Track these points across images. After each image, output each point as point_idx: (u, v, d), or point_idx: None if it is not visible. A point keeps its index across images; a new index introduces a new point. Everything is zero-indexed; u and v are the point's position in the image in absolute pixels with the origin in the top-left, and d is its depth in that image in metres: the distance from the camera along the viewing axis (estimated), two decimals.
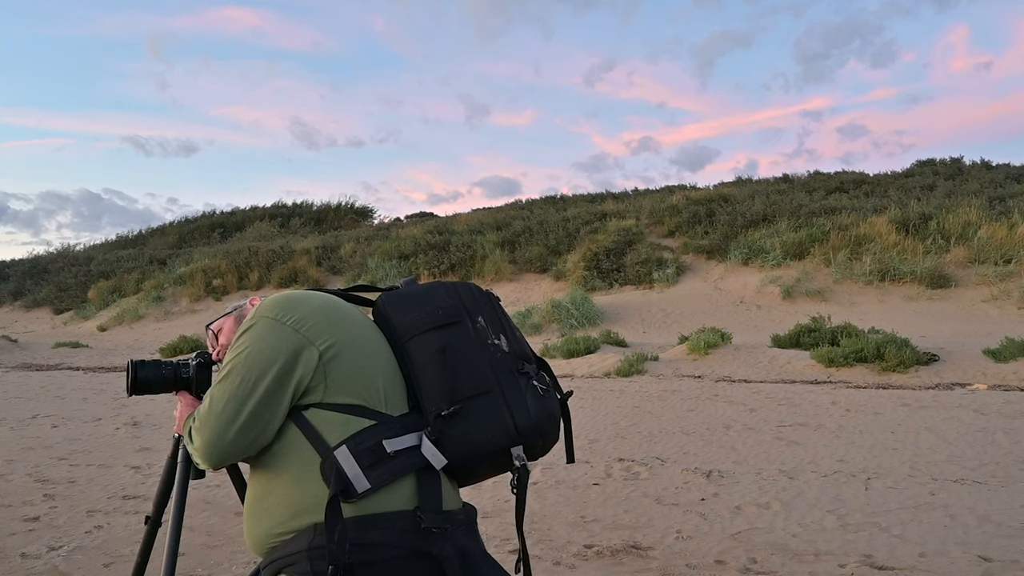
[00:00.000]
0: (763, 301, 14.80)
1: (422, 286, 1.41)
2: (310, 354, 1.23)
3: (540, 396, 1.31)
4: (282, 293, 1.33)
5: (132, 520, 3.86)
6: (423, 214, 33.25)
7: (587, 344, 11.06)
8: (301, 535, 1.18)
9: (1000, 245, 14.45)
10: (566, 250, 18.93)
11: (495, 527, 3.76)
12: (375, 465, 1.18)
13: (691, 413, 6.84)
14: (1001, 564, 3.12)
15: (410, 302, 1.36)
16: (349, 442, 1.19)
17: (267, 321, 1.25)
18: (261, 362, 1.21)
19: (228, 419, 1.21)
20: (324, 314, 1.28)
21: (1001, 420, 6.08)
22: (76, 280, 25.41)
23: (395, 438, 1.22)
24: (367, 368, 1.27)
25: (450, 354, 1.28)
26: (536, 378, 1.33)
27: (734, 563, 3.21)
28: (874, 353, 9.02)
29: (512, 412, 1.26)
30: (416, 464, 1.22)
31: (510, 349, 1.34)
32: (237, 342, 1.26)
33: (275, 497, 1.22)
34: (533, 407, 1.28)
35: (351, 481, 1.16)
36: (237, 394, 1.21)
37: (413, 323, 1.32)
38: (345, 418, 1.22)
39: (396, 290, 1.43)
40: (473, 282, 1.51)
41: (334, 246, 22.81)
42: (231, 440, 1.21)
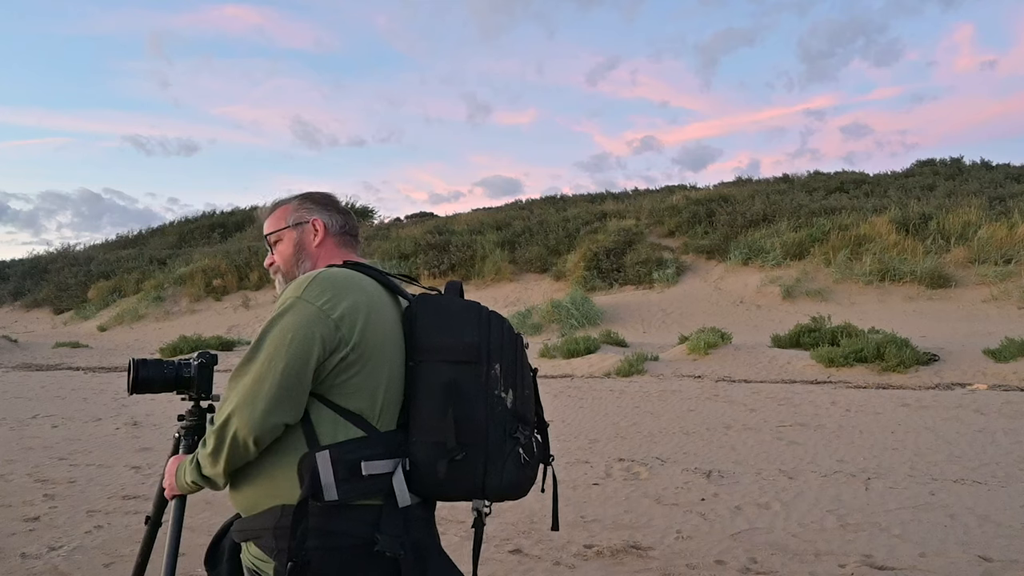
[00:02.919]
0: (763, 301, 14.80)
1: (459, 305, 1.37)
2: (340, 352, 1.24)
3: (520, 465, 1.30)
4: (329, 273, 1.30)
5: (132, 520, 3.87)
6: (423, 214, 33.25)
7: (587, 344, 11.06)
8: (269, 513, 1.23)
9: (1000, 245, 14.45)
10: (566, 250, 18.93)
11: (495, 527, 3.76)
12: (347, 480, 1.21)
13: (691, 413, 6.84)
14: (1001, 564, 3.13)
15: (439, 320, 1.33)
16: (333, 449, 1.21)
17: (313, 311, 1.23)
18: (303, 351, 1.21)
19: (272, 400, 1.19)
20: (365, 314, 1.27)
21: (1001, 420, 6.08)
22: (76, 280, 25.41)
23: (374, 460, 1.23)
24: (378, 380, 1.27)
25: (454, 395, 1.26)
26: (524, 445, 1.32)
27: (734, 563, 3.21)
28: (874, 353, 9.02)
29: (486, 473, 1.27)
30: (384, 490, 1.24)
31: (512, 407, 1.31)
32: (281, 320, 1.24)
33: (259, 469, 1.26)
34: (508, 475, 1.29)
35: (322, 488, 1.19)
36: (282, 382, 1.20)
37: (434, 348, 1.30)
38: (340, 421, 1.24)
39: (436, 295, 1.42)
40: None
41: None
42: (276, 420, 1.20)
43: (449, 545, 3.51)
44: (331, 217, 1.50)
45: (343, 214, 1.52)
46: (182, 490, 1.41)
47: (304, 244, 1.47)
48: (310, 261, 1.46)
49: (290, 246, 1.48)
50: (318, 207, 1.50)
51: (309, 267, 1.44)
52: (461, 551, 3.44)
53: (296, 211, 1.49)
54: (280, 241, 1.49)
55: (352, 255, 1.48)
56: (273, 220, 1.51)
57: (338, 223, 1.50)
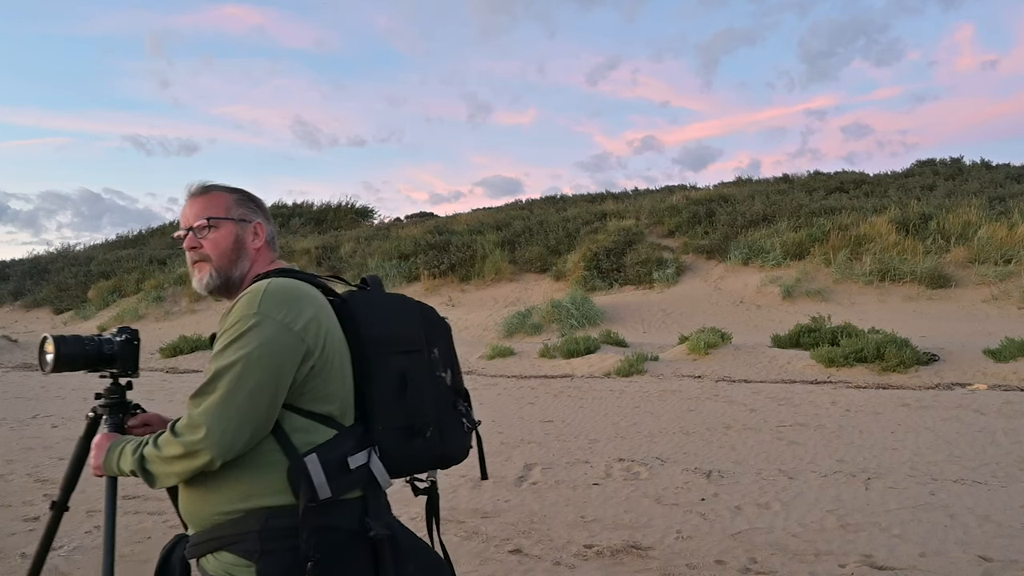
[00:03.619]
0: (763, 301, 14.80)
1: (391, 298, 1.44)
2: (308, 363, 1.27)
3: (464, 433, 1.47)
4: (279, 285, 1.29)
5: (132, 520, 3.87)
6: (423, 214, 33.25)
7: (587, 344, 11.06)
8: (251, 516, 1.24)
9: (1000, 245, 14.44)
10: (566, 250, 18.93)
11: (495, 527, 3.76)
12: (338, 477, 1.26)
13: (691, 413, 6.84)
14: (1001, 564, 3.13)
15: (381, 315, 1.39)
16: (320, 451, 1.26)
17: (277, 325, 1.24)
18: (273, 368, 1.23)
19: (243, 419, 1.21)
20: (319, 321, 1.30)
21: (1001, 420, 6.08)
22: (76, 280, 25.41)
23: (355, 454, 1.30)
24: (340, 379, 1.32)
25: (408, 383, 1.36)
26: (465, 415, 1.48)
27: (734, 563, 3.21)
28: (874, 353, 9.02)
29: (443, 445, 1.41)
30: (366, 478, 1.32)
31: (451, 383, 1.47)
32: (244, 338, 1.23)
33: (224, 479, 1.26)
34: (458, 443, 1.46)
35: (315, 489, 1.24)
36: (254, 401, 1.22)
37: (381, 340, 1.36)
38: (313, 425, 1.28)
39: (363, 291, 1.45)
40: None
41: (334, 246, 22.81)
42: (246, 440, 1.23)
43: (449, 545, 3.51)
44: (269, 225, 1.50)
45: (272, 223, 1.53)
46: (110, 472, 1.39)
47: (245, 243, 1.44)
48: (247, 263, 1.44)
49: (230, 240, 1.43)
50: (261, 212, 1.50)
51: (246, 268, 1.43)
52: (461, 551, 3.44)
53: (239, 206, 1.46)
54: (216, 229, 1.42)
55: (280, 263, 1.49)
56: (210, 205, 1.44)
57: (272, 232, 1.50)
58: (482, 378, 9.86)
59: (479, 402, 7.84)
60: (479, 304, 17.30)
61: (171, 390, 9.39)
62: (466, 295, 18.16)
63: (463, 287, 18.66)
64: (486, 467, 1.62)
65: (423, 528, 1.54)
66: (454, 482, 4.65)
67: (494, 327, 15.09)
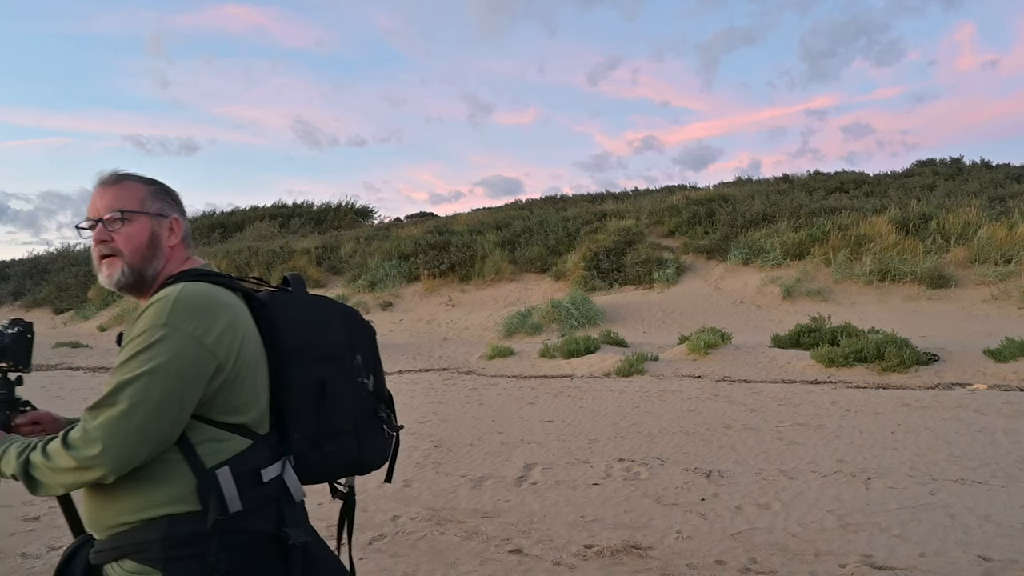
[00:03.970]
0: (763, 301, 14.80)
1: (314, 301, 1.41)
2: (219, 377, 1.22)
3: (385, 439, 1.47)
4: (192, 292, 1.23)
5: None
6: (423, 214, 33.25)
7: (587, 344, 11.06)
8: (153, 525, 1.20)
9: (1000, 245, 14.44)
10: (566, 250, 18.93)
11: (495, 527, 3.76)
12: (250, 490, 1.23)
13: (691, 413, 6.84)
14: (1001, 564, 3.13)
15: (302, 321, 1.35)
16: (232, 464, 1.22)
17: (186, 338, 1.18)
18: (179, 384, 1.17)
19: (144, 436, 1.16)
20: (234, 331, 1.25)
21: (1001, 420, 6.08)
22: (76, 280, 25.41)
23: (269, 466, 1.27)
24: (256, 390, 1.28)
25: (328, 390, 1.33)
26: (387, 421, 1.47)
27: (734, 563, 3.21)
28: (874, 353, 9.02)
29: (361, 452, 1.40)
30: (281, 490, 1.29)
31: (374, 389, 1.45)
32: (150, 351, 1.17)
33: (125, 489, 1.21)
34: (378, 449, 1.45)
35: (226, 503, 1.20)
36: (158, 415, 1.16)
37: (301, 347, 1.32)
38: (225, 435, 1.25)
39: (285, 293, 1.40)
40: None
41: (334, 246, 22.81)
42: (144, 456, 1.18)
43: (449, 545, 3.51)
44: (185, 221, 1.44)
45: (187, 219, 1.47)
46: None
47: (160, 240, 1.36)
48: (162, 260, 1.36)
49: (144, 235, 1.34)
50: (177, 207, 1.43)
51: (160, 266, 1.36)
52: (461, 551, 3.44)
53: (156, 200, 1.38)
54: (130, 223, 1.33)
55: (195, 260, 1.43)
56: (124, 196, 1.34)
57: (188, 228, 1.44)
58: (482, 378, 9.86)
59: (479, 402, 7.84)
60: (479, 304, 17.29)
61: None
62: (466, 295, 18.16)
63: (463, 287, 18.66)
64: (393, 472, 1.61)
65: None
66: (454, 482, 4.65)
67: (494, 327, 15.09)
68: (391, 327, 16.24)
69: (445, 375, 10.30)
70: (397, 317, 17.11)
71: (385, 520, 3.91)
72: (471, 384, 9.27)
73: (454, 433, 6.21)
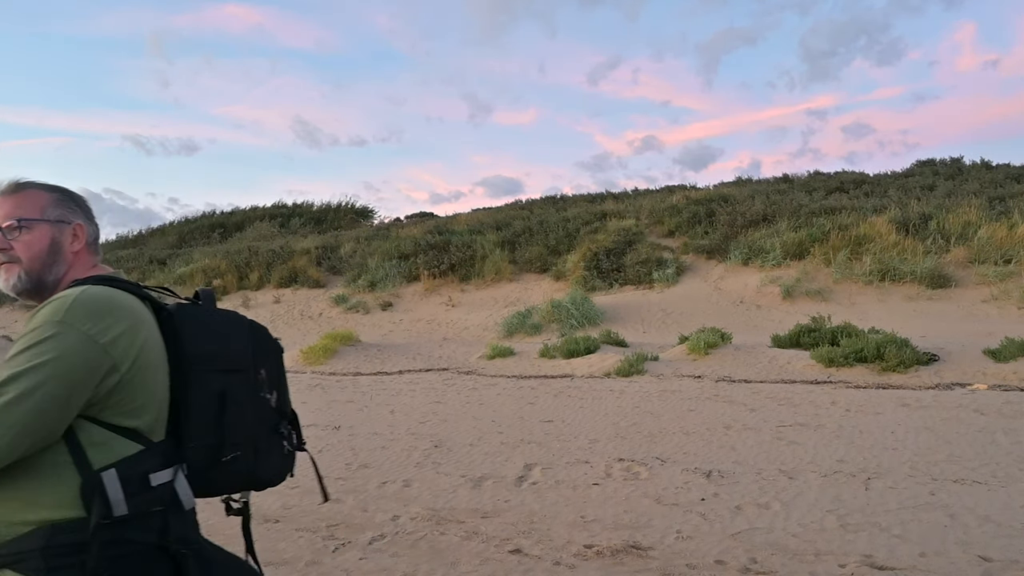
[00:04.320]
0: (763, 301, 14.80)
1: (220, 315, 1.41)
2: (112, 378, 1.21)
3: (284, 455, 1.47)
4: (92, 294, 1.23)
5: None
6: (423, 214, 33.25)
7: (587, 344, 11.06)
8: (34, 533, 1.17)
9: (1000, 245, 14.44)
10: (566, 250, 18.93)
11: (495, 527, 3.76)
12: (136, 494, 1.22)
13: (691, 413, 6.84)
14: (1001, 564, 3.13)
15: (207, 332, 1.36)
16: (119, 467, 1.21)
17: (80, 336, 1.18)
18: (68, 381, 1.16)
19: (25, 430, 1.14)
20: (134, 334, 1.24)
21: (1001, 420, 6.08)
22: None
23: (159, 471, 1.26)
24: (151, 396, 1.28)
25: (228, 402, 1.33)
26: (287, 437, 1.47)
27: (734, 563, 3.21)
28: (874, 353, 9.02)
29: (258, 467, 1.40)
30: (168, 497, 1.27)
31: (276, 405, 1.46)
32: (42, 346, 1.16)
33: (10, 488, 1.19)
34: (276, 465, 1.45)
35: (111, 505, 1.18)
36: (41, 410, 1.14)
37: (204, 358, 1.33)
38: (115, 439, 1.23)
39: (194, 305, 1.41)
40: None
41: (334, 246, 22.81)
42: (23, 451, 1.15)
43: (449, 545, 3.51)
44: (91, 226, 1.43)
45: (95, 224, 1.45)
46: None
47: (62, 246, 1.36)
48: (63, 266, 1.36)
49: (44, 242, 1.35)
50: (82, 211, 1.42)
51: (61, 272, 1.36)
52: (461, 551, 3.44)
53: (57, 206, 1.38)
54: (29, 231, 1.34)
55: (101, 267, 1.43)
56: (23, 204, 1.35)
57: (95, 233, 1.43)
58: (482, 378, 9.86)
59: (479, 402, 7.84)
60: (479, 304, 17.30)
61: None
62: (466, 295, 18.16)
63: (463, 287, 18.66)
64: (324, 488, 1.63)
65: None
66: (454, 482, 4.65)
67: (494, 327, 15.09)
68: (391, 327, 16.24)
69: (445, 375, 10.30)
70: (397, 317, 17.11)
71: (385, 520, 3.91)
72: (471, 384, 9.28)
73: (454, 433, 6.21)
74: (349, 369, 11.17)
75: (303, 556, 3.42)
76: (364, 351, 12.50)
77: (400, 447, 5.71)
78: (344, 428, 6.56)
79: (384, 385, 9.46)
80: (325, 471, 5.00)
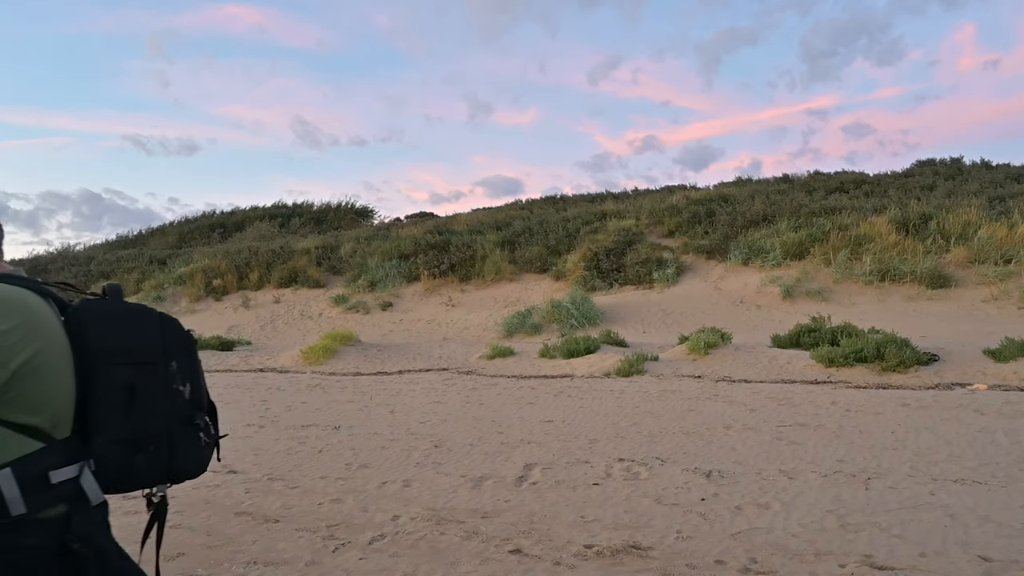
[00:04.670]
0: (763, 301, 14.80)
1: (129, 308, 1.41)
2: (4, 372, 1.20)
3: (201, 447, 1.46)
4: None
5: (132, 520, 3.86)
6: (423, 214, 33.27)
7: (587, 344, 11.06)
8: None
9: (1000, 245, 14.45)
10: (566, 250, 18.93)
11: (495, 527, 3.76)
12: (35, 491, 1.20)
13: (691, 413, 6.84)
14: (1001, 564, 3.13)
15: (112, 326, 1.35)
16: (15, 465, 1.19)
17: None
18: None
19: None
20: (29, 328, 1.24)
21: (1001, 420, 6.08)
22: (76, 280, 25.38)
23: (60, 468, 1.24)
24: (51, 392, 1.26)
25: (138, 395, 1.33)
26: (204, 429, 1.47)
27: (734, 563, 3.21)
28: (874, 353, 9.01)
29: (172, 460, 1.39)
30: (72, 494, 1.26)
31: (191, 397, 1.45)
32: None
33: None
34: (192, 457, 1.44)
35: (7, 504, 1.17)
36: None
37: (109, 352, 1.32)
38: (12, 436, 1.22)
39: (100, 300, 1.41)
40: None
41: (334, 246, 22.81)
42: None
43: (449, 545, 3.51)
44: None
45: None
46: None
47: None
48: None
49: None
50: None
51: None
52: (461, 551, 3.44)
53: None
54: None
55: (5, 266, 1.43)
56: None
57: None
58: (482, 378, 9.86)
59: (479, 402, 7.84)
60: (479, 304, 17.29)
61: None
62: (466, 295, 18.16)
63: (463, 287, 18.66)
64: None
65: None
66: (454, 482, 4.65)
67: (494, 327, 15.09)
68: (391, 327, 16.24)
69: (445, 375, 10.30)
70: (397, 317, 17.11)
71: (385, 520, 3.91)
72: (471, 384, 9.27)
73: (454, 433, 6.21)
74: (349, 369, 11.17)
75: (303, 556, 3.42)
76: (364, 351, 12.49)
77: (400, 447, 5.71)
78: (344, 428, 6.56)
79: (384, 385, 9.45)
80: (325, 471, 5.01)
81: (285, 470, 5.07)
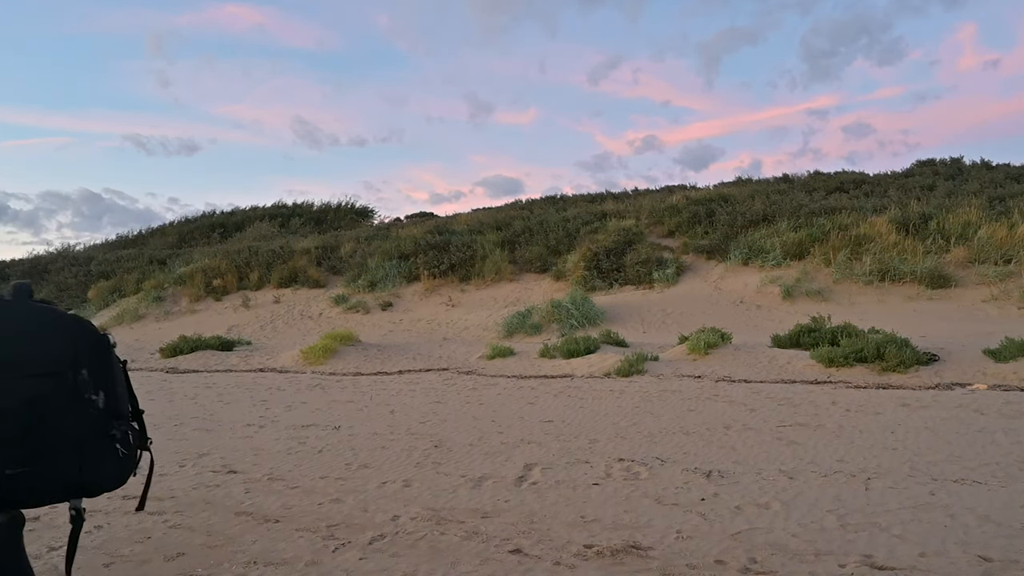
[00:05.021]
0: (763, 301, 14.80)
1: (32, 312, 1.33)
2: None
3: (119, 459, 1.35)
4: None
5: (132, 520, 3.87)
6: (423, 214, 33.29)
7: (587, 344, 11.06)
8: None
9: (1000, 245, 14.45)
10: (566, 250, 18.94)
11: (495, 527, 3.76)
12: None
13: (691, 413, 6.84)
14: (1001, 564, 3.13)
15: (13, 332, 1.28)
16: None
17: None
18: None
19: None
20: None
21: (1001, 420, 6.08)
22: (76, 280, 25.41)
23: None
24: None
25: (40, 409, 1.24)
26: (121, 440, 1.36)
27: (734, 563, 3.21)
28: (874, 353, 9.01)
29: (84, 473, 1.29)
30: None
31: (105, 406, 1.35)
32: None
33: None
34: (107, 470, 1.33)
35: None
36: None
37: (7, 363, 1.24)
38: None
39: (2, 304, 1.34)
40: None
41: (334, 246, 22.81)
42: None
43: (449, 545, 3.51)
44: None
45: None
46: None
47: None
48: None
49: None
50: None
51: None
52: (461, 551, 3.44)
53: None
54: None
55: None
56: None
57: None
58: (482, 378, 9.86)
59: (479, 402, 7.84)
60: (479, 304, 17.29)
61: (171, 390, 9.39)
62: (466, 295, 18.16)
63: (463, 287, 18.66)
64: (146, 497, 1.54)
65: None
66: (454, 482, 4.65)
67: (494, 327, 15.09)
68: (391, 327, 16.24)
69: (445, 375, 10.30)
70: (397, 317, 17.11)
71: (385, 520, 3.91)
72: (471, 384, 9.27)
73: (454, 433, 6.21)
74: (349, 369, 11.17)
75: (303, 556, 3.42)
76: (364, 351, 12.49)
77: (400, 447, 5.71)
78: (344, 428, 6.56)
79: (384, 385, 9.45)
80: (325, 471, 5.01)
81: (285, 470, 5.06)
